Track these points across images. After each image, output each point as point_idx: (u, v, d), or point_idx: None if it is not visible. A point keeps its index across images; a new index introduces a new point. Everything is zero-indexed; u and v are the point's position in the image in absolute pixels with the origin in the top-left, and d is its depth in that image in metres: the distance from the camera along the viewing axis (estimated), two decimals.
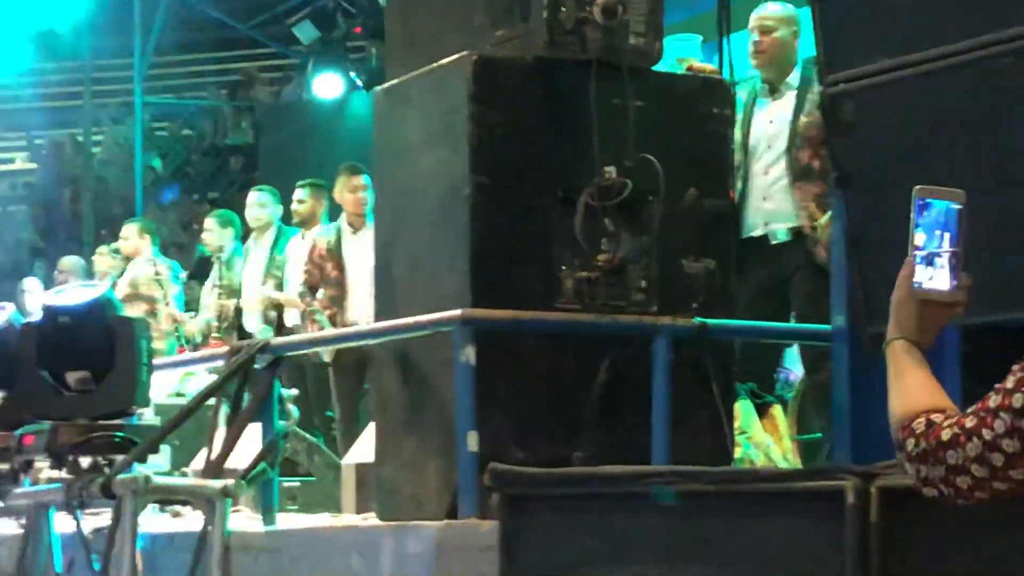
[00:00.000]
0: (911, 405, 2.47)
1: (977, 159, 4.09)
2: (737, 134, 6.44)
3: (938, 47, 4.23)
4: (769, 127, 6.70)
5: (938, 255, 2.52)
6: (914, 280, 2.51)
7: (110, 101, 19.82)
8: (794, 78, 6.69)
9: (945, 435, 2.41)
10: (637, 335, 5.38)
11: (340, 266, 9.30)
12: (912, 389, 2.49)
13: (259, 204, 10.64)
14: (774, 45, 6.68)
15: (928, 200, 2.51)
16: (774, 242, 6.69)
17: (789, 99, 6.68)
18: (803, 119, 6.61)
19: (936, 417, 2.45)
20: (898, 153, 4.34)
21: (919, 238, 2.51)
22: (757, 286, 6.58)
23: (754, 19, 6.82)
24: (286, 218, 10.57)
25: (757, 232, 6.70)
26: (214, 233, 11.07)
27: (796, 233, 6.63)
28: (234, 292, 10.74)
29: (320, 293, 9.45)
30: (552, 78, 5.38)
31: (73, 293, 5.91)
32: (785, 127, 6.67)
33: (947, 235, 2.52)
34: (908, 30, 4.34)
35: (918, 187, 2.51)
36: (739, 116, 6.52)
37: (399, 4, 6.02)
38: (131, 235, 11.79)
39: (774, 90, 6.74)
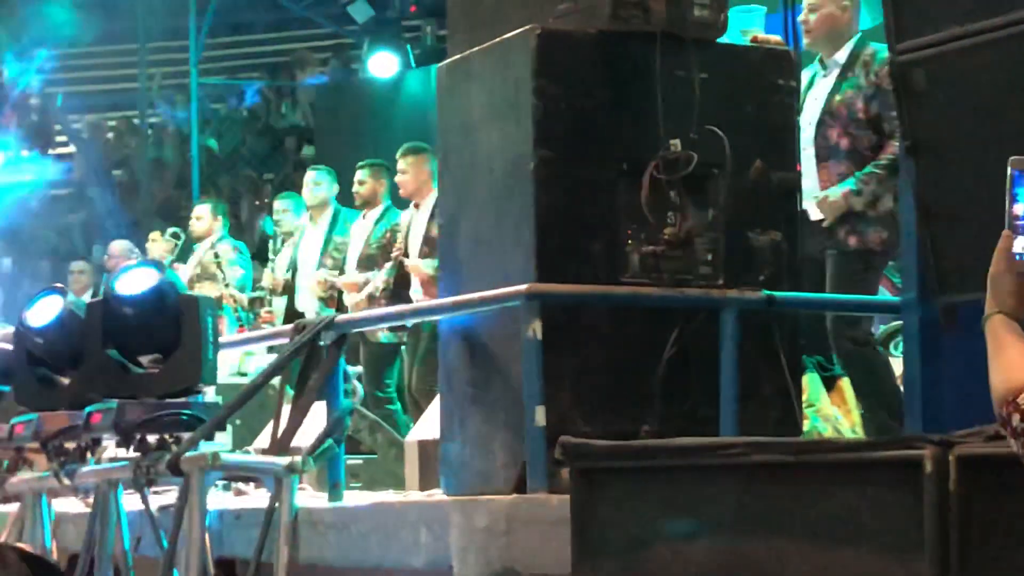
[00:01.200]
0: (1015, 380, 2.44)
1: None
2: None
3: (1007, 14, 4.19)
4: (813, 104, 6.64)
5: None
6: (1014, 252, 2.47)
7: (165, 84, 19.90)
8: (842, 54, 6.60)
9: None
10: (704, 308, 5.36)
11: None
12: (1015, 363, 2.45)
13: (315, 183, 10.67)
14: (822, 22, 6.62)
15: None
16: (812, 219, 6.64)
17: (832, 76, 6.61)
18: (836, 97, 6.54)
19: None
20: (969, 121, 4.30)
21: (1018, 209, 2.47)
22: (806, 260, 6.51)
23: None
24: (345, 199, 10.59)
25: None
26: (290, 213, 11.17)
27: None
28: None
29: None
30: (616, 51, 5.36)
31: (135, 278, 5.93)
32: (821, 104, 6.61)
33: None
34: None
35: (1014, 158, 2.48)
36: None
37: None
38: (204, 215, 11.85)
39: (824, 66, 6.69)
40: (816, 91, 6.64)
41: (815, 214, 6.51)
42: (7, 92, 19.24)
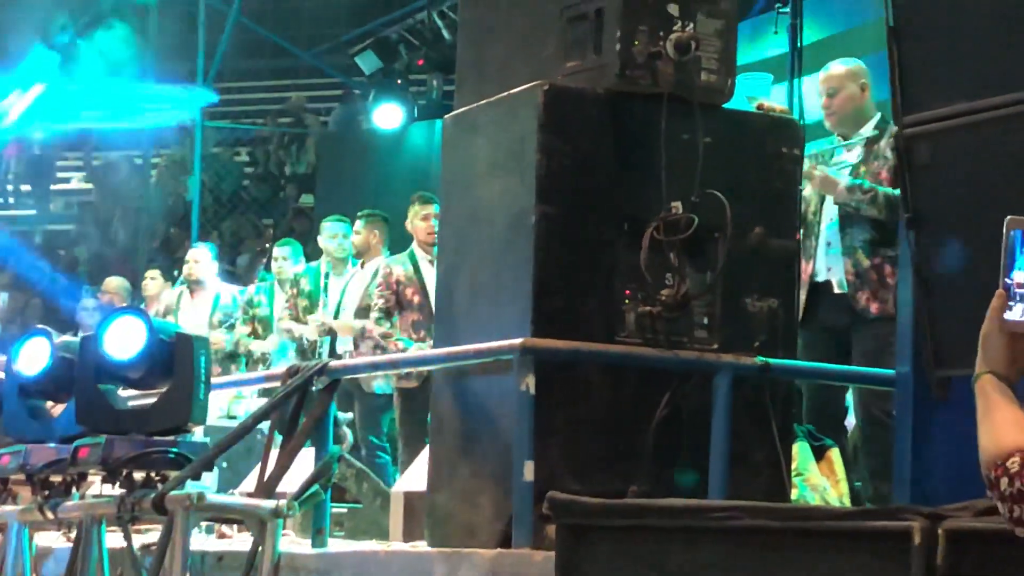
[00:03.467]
0: (1004, 443, 2.43)
1: None
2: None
3: (1015, 92, 4.21)
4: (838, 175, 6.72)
5: None
6: (1005, 313, 2.48)
7: (169, 125, 19.95)
8: (868, 128, 6.71)
9: None
10: (698, 371, 5.35)
11: (423, 291, 9.36)
12: (1004, 426, 2.45)
13: (344, 234, 10.69)
14: (844, 103, 6.71)
15: (1021, 231, 2.48)
16: (838, 290, 6.68)
17: (858, 149, 6.70)
18: (862, 169, 6.63)
19: None
20: (972, 197, 4.31)
21: (1013, 272, 2.48)
22: (822, 330, 6.57)
23: (820, 81, 6.86)
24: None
25: (821, 278, 6.72)
26: (290, 261, 11.20)
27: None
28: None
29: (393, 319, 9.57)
30: (622, 111, 5.38)
31: (121, 334, 5.84)
32: (847, 173, 6.68)
33: None
34: (985, 74, 4.32)
35: (1011, 218, 2.49)
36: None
37: (471, 32, 6.04)
38: (203, 259, 11.83)
39: (847, 139, 6.77)
40: (838, 161, 6.71)
41: (838, 286, 6.56)
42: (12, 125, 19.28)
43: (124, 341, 5.86)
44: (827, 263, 6.72)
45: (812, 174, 6.48)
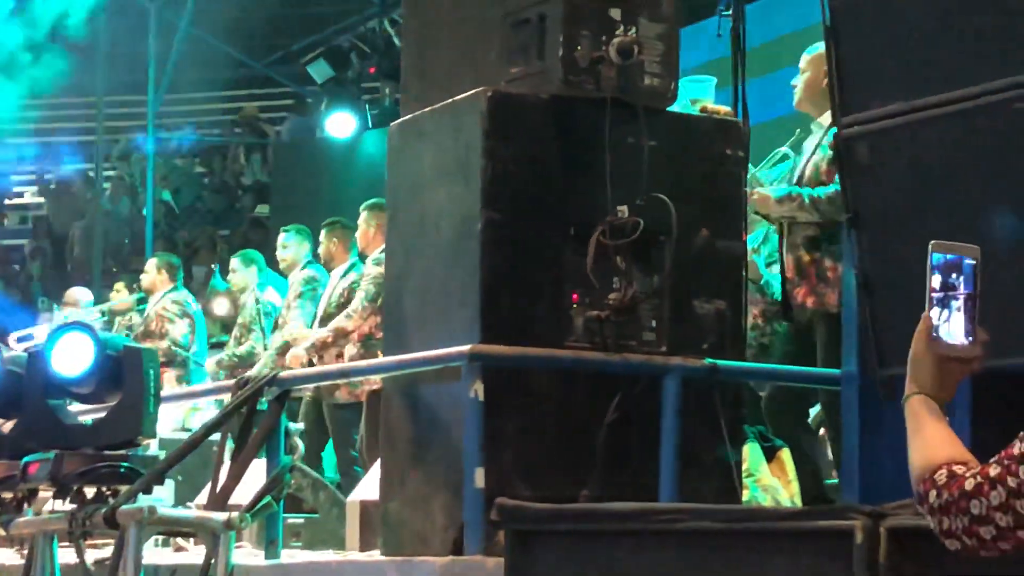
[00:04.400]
0: (932, 458, 2.47)
1: (990, 203, 4.09)
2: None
3: (952, 91, 4.24)
4: (805, 166, 6.65)
5: (954, 310, 2.52)
6: (931, 335, 2.51)
7: (122, 137, 19.88)
8: (827, 116, 6.63)
9: (968, 484, 2.41)
10: (646, 375, 5.37)
11: None
12: (932, 442, 2.49)
13: (282, 245, 10.59)
14: (806, 85, 6.66)
15: (944, 255, 2.51)
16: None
17: (815, 138, 6.62)
18: (815, 157, 6.55)
19: (958, 468, 2.45)
20: (911, 196, 4.34)
21: (934, 292, 2.51)
22: (791, 327, 6.51)
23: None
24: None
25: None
26: (239, 272, 11.10)
27: None
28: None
29: None
30: (566, 116, 5.39)
31: (69, 350, 5.81)
32: (799, 166, 6.63)
33: (962, 290, 2.52)
34: (922, 74, 4.35)
35: (934, 242, 2.52)
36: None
37: (415, 39, 6.05)
38: (150, 270, 11.77)
39: (814, 120, 6.71)
40: (804, 153, 6.70)
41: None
42: None
43: (72, 355, 5.84)
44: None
45: (751, 199, 6.43)
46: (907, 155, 4.30)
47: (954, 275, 2.52)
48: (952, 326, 2.52)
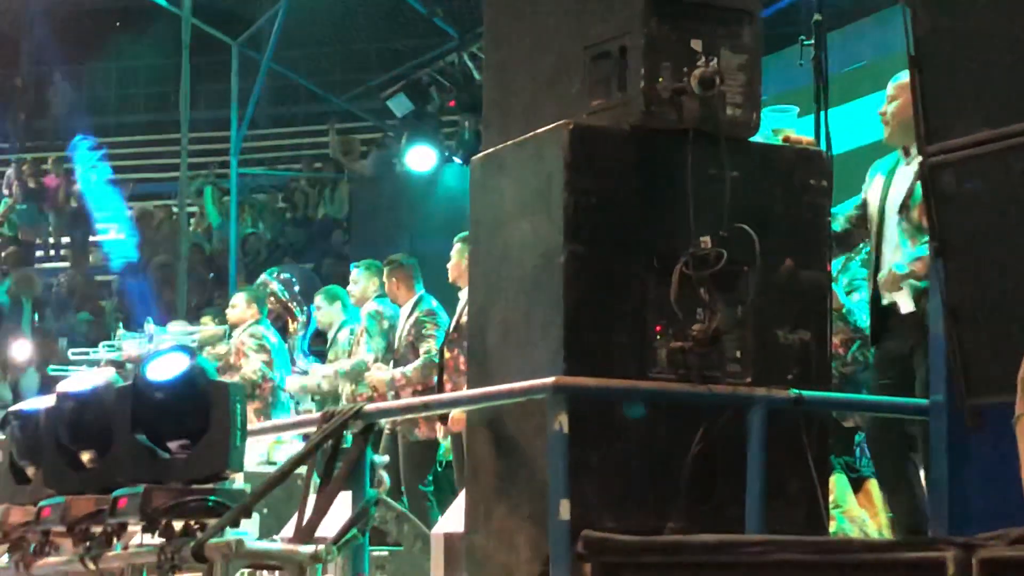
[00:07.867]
0: None
1: None
2: (879, 201, 6.43)
3: None
4: (895, 193, 6.61)
5: None
6: None
7: (204, 172, 20.09)
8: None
9: None
10: (731, 406, 5.34)
11: None
12: None
13: (352, 281, 10.71)
14: (895, 113, 6.61)
15: None
16: (903, 312, 6.54)
17: (916, 162, 6.54)
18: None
19: None
20: (998, 224, 4.31)
21: None
22: (886, 355, 6.44)
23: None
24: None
25: (886, 300, 6.58)
26: (323, 310, 11.20)
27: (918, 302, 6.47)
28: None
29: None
30: (648, 147, 5.38)
31: (166, 363, 5.95)
32: (905, 189, 6.58)
33: None
34: (1008, 101, 4.32)
35: None
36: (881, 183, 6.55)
37: (496, 72, 6.06)
38: (238, 303, 11.87)
39: (907, 154, 6.65)
40: (898, 179, 6.62)
41: (905, 307, 6.44)
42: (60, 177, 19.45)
43: (163, 392, 5.91)
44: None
45: (887, 282, 6.40)
46: (993, 182, 4.27)
47: None
48: None
